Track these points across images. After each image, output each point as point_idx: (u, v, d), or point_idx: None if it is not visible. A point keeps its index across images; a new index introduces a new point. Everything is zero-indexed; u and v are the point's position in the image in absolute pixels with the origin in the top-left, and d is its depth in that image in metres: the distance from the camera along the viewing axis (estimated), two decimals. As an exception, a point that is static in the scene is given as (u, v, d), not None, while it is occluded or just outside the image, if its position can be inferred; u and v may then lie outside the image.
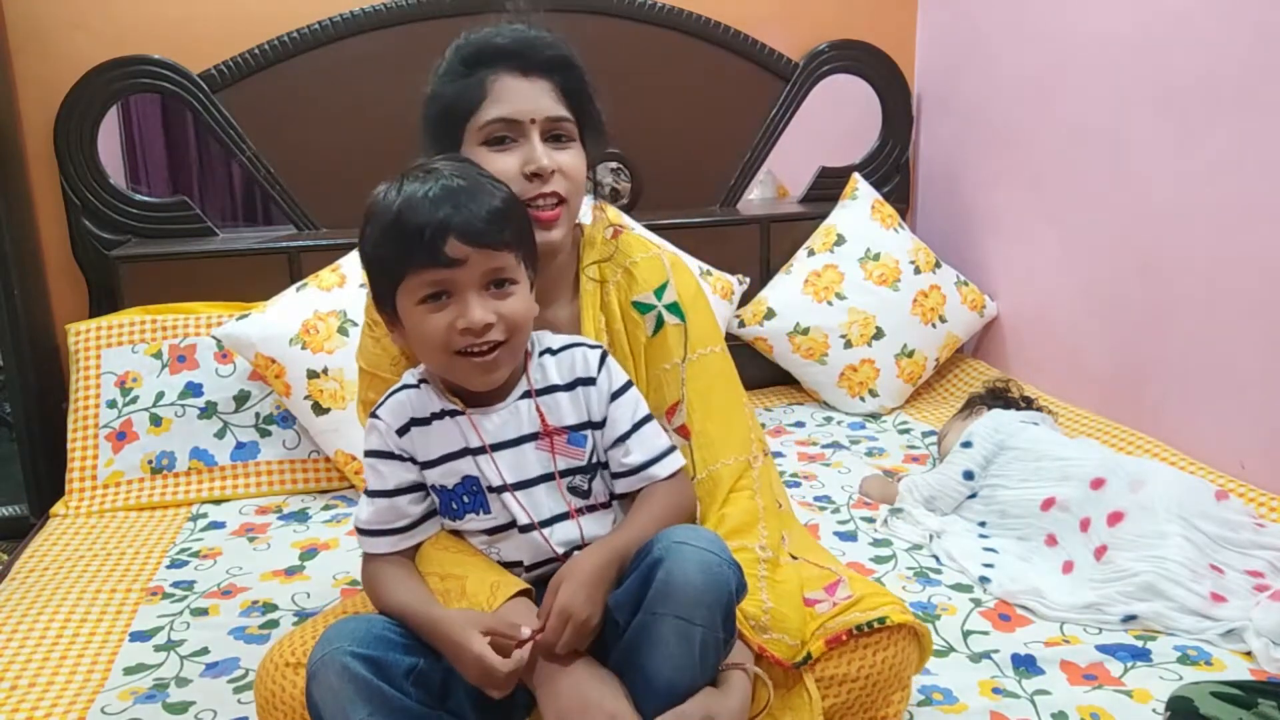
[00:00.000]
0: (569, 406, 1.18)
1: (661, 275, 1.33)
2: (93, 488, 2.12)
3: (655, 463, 1.20)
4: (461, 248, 1.07)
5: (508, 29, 1.25)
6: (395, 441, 1.18)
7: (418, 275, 1.09)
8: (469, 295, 1.09)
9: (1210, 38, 2.02)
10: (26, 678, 1.49)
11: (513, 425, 1.17)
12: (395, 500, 1.19)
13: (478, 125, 1.22)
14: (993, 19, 2.67)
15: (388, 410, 1.19)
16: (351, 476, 2.13)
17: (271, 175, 2.52)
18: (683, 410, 1.29)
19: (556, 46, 1.25)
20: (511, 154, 1.21)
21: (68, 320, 2.33)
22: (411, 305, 1.11)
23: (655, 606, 1.05)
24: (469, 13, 2.55)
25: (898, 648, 1.27)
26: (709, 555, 1.06)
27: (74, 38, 2.38)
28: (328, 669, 1.05)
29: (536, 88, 1.22)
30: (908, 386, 2.67)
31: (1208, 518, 1.69)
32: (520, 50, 1.23)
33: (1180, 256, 2.13)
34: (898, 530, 1.94)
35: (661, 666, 1.06)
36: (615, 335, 1.31)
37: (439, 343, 1.10)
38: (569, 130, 1.24)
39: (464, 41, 1.26)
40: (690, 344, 1.31)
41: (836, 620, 1.26)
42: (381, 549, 1.21)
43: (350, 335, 2.13)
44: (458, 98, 1.23)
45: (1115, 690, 1.42)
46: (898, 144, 2.93)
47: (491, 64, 1.23)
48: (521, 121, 1.21)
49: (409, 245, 1.08)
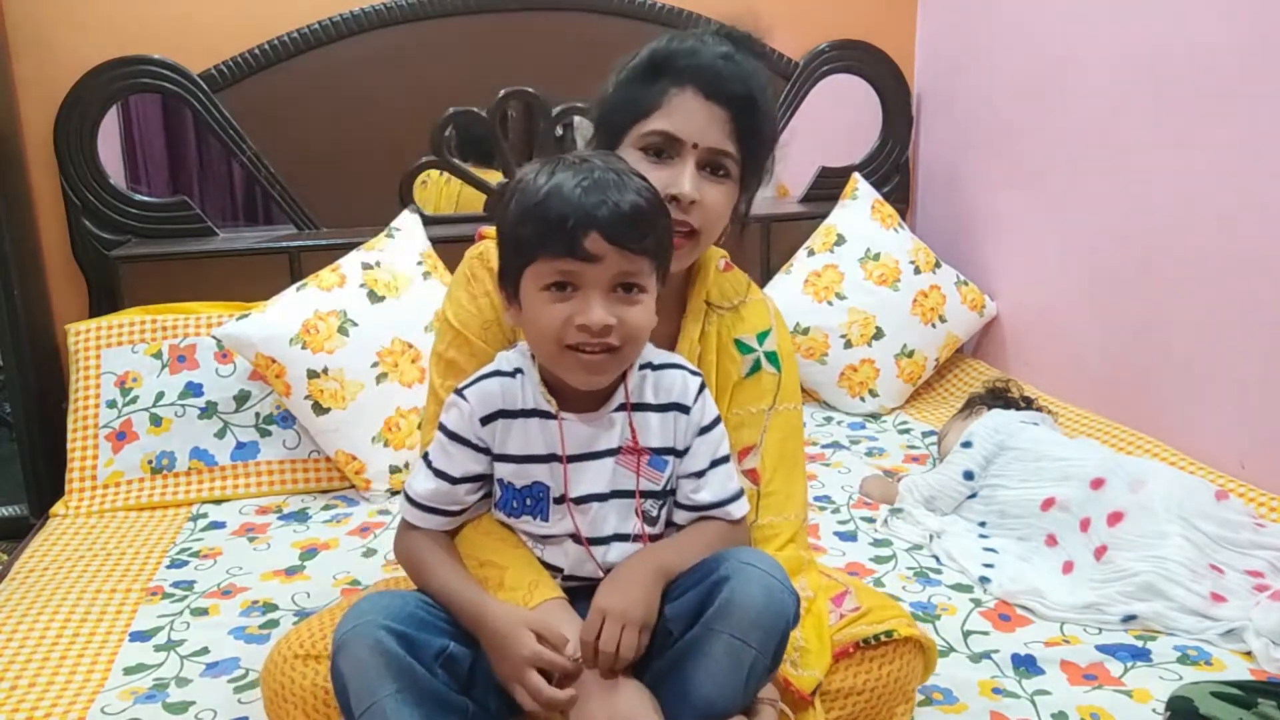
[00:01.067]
0: (658, 428, 1.16)
1: (766, 322, 1.33)
2: (93, 488, 2.12)
3: (721, 505, 1.18)
4: (601, 244, 1.04)
5: (708, 48, 1.22)
6: (476, 429, 1.14)
7: (549, 262, 1.06)
8: (594, 293, 1.06)
9: (1210, 38, 2.02)
10: (26, 678, 1.49)
11: (603, 437, 1.14)
12: (456, 488, 1.16)
13: (641, 131, 1.21)
14: (993, 19, 2.67)
15: (476, 394, 1.15)
16: (352, 476, 2.13)
17: (271, 175, 2.52)
18: (757, 455, 1.29)
19: (747, 81, 1.22)
20: (662, 170, 1.19)
21: (68, 320, 2.33)
22: (535, 289, 1.08)
23: (713, 623, 1.04)
24: (469, 12, 2.56)
25: (903, 661, 1.28)
26: (773, 580, 1.06)
27: (74, 38, 2.38)
28: (358, 642, 1.03)
29: (712, 115, 1.20)
30: (908, 386, 2.67)
31: (1208, 518, 1.69)
32: (709, 74, 1.20)
33: (1180, 256, 2.13)
34: (898, 530, 1.94)
35: (704, 682, 1.04)
36: (707, 365, 1.29)
37: (553, 333, 1.08)
38: (729, 166, 1.22)
39: (661, 45, 1.24)
40: (780, 396, 1.31)
41: (844, 633, 1.26)
42: (427, 525, 1.18)
43: (350, 335, 2.13)
44: (632, 100, 1.22)
45: (1115, 690, 1.42)
46: (898, 144, 2.93)
47: (677, 77, 1.20)
48: (683, 142, 1.19)
49: (549, 230, 1.05)
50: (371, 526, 2.00)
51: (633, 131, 1.22)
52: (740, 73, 1.22)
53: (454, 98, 2.55)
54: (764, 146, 1.26)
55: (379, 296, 2.19)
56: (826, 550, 1.85)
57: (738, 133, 1.21)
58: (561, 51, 2.60)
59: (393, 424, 2.13)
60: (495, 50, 2.58)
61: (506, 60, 2.59)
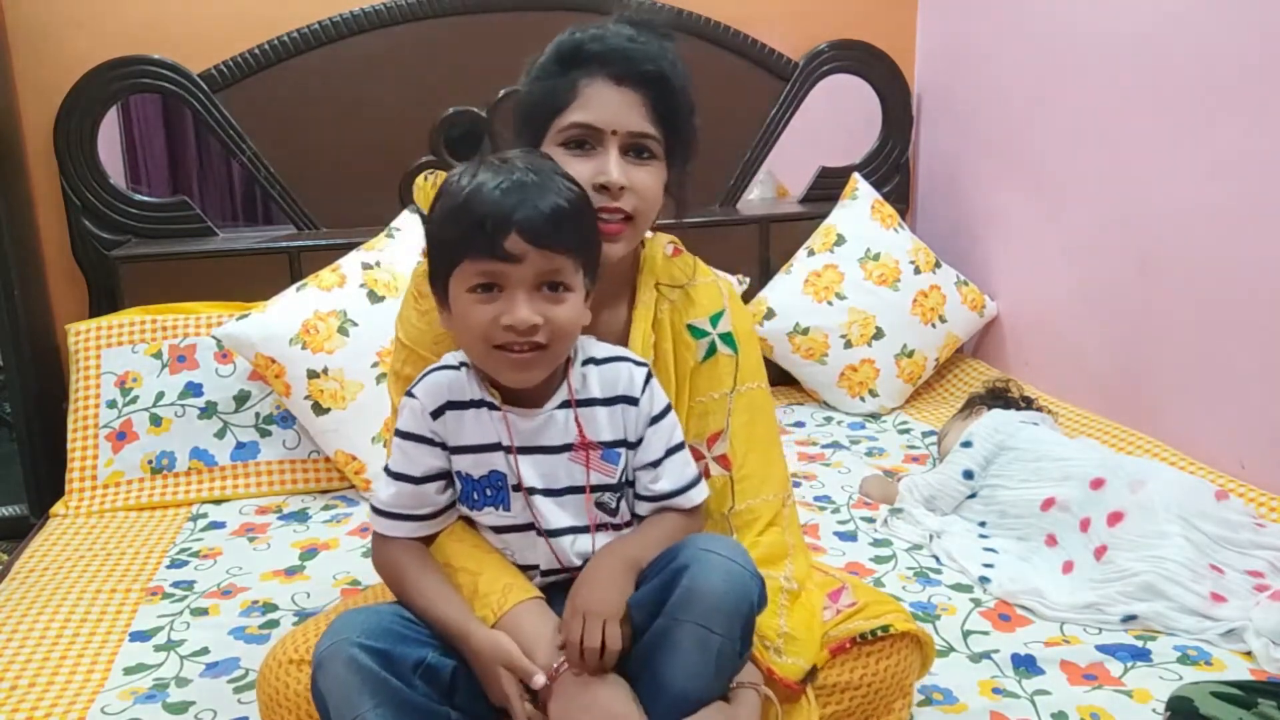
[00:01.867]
0: (606, 422, 1.16)
1: (719, 303, 1.32)
2: (93, 488, 2.12)
3: (681, 493, 1.19)
4: (520, 244, 1.05)
5: (613, 32, 1.21)
6: (428, 424, 1.15)
7: (473, 263, 1.07)
8: (519, 293, 1.07)
9: (1210, 38, 2.02)
10: (26, 678, 1.49)
11: (548, 433, 1.14)
12: (422, 488, 1.17)
13: (560, 126, 1.20)
14: (993, 19, 2.67)
15: (424, 390, 1.16)
16: (352, 477, 2.13)
17: (271, 175, 2.52)
18: (725, 440, 1.28)
19: (657, 60, 1.20)
20: (586, 161, 1.18)
21: (68, 320, 2.33)
22: (462, 291, 1.09)
23: (676, 612, 1.04)
24: (469, 12, 2.56)
25: (900, 656, 1.28)
26: (733, 565, 1.06)
27: (74, 38, 2.38)
28: (335, 660, 1.04)
29: (626, 99, 1.19)
30: (908, 386, 2.67)
31: (1208, 518, 1.69)
32: (617, 58, 1.19)
33: (1180, 256, 2.13)
34: (898, 530, 1.94)
35: (676, 673, 1.05)
36: (662, 354, 1.28)
37: (480, 333, 1.09)
38: (652, 147, 1.21)
39: (566, 38, 1.23)
40: (740, 376, 1.30)
41: (840, 628, 1.26)
42: (399, 534, 1.19)
43: (350, 335, 2.13)
44: (546, 95, 1.21)
45: (1115, 690, 1.42)
46: (898, 144, 2.93)
47: (586, 66, 1.20)
48: (602, 130, 1.18)
49: (470, 232, 1.06)
50: (371, 527, 2.00)
51: (552, 127, 1.21)
52: (648, 52, 1.20)
53: (454, 98, 2.55)
54: (684, 122, 1.24)
55: (379, 296, 2.19)
56: (826, 550, 1.85)
57: (655, 113, 1.20)
58: (561, 51, 2.60)
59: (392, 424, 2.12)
60: (495, 50, 2.58)
61: (506, 60, 2.57)
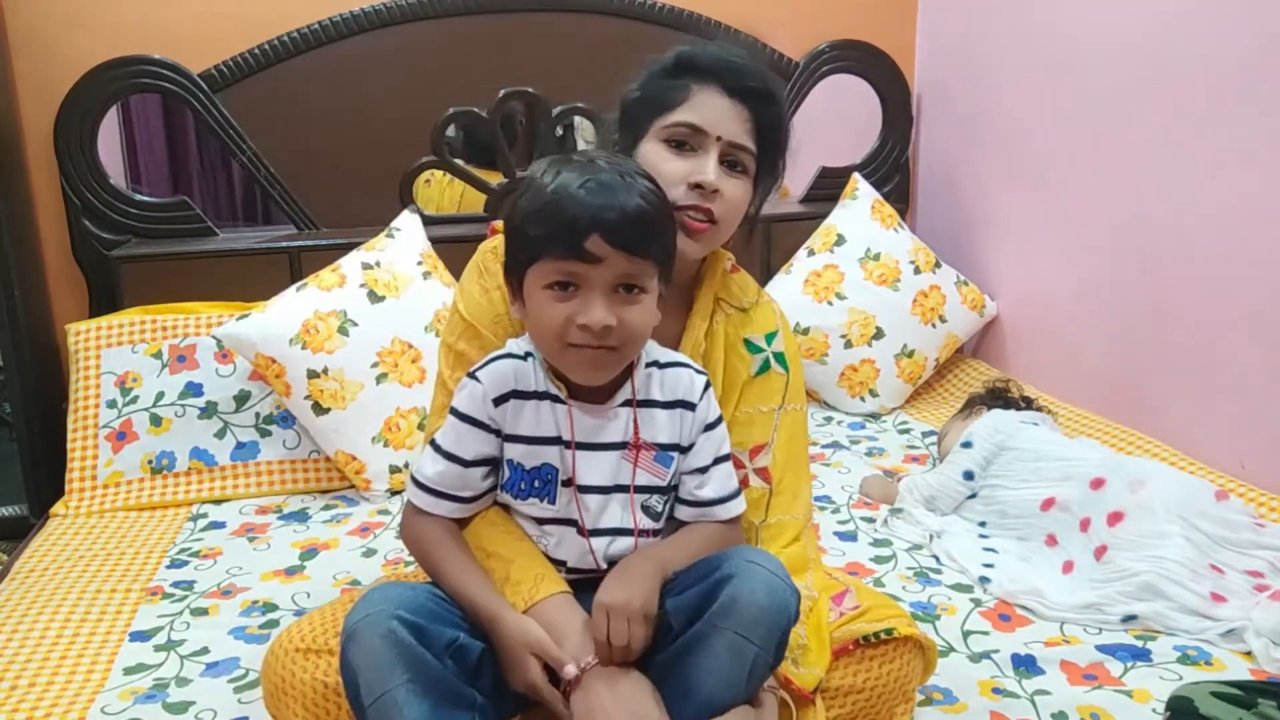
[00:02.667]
0: (664, 424, 1.18)
1: (774, 323, 1.37)
2: (93, 488, 2.12)
3: (722, 503, 1.21)
4: (603, 246, 1.06)
5: (728, 50, 1.28)
6: (488, 409, 1.15)
7: (553, 261, 1.08)
8: (596, 294, 1.08)
9: (1211, 37, 2.02)
10: (26, 678, 1.49)
11: (609, 430, 1.16)
12: (468, 471, 1.17)
13: (666, 123, 1.24)
14: (993, 19, 2.67)
15: (489, 375, 1.16)
16: (352, 477, 2.13)
17: (271, 175, 2.52)
18: (769, 454, 1.31)
19: (765, 80, 1.28)
20: (686, 160, 1.23)
21: (68, 320, 2.33)
22: (539, 287, 1.10)
23: (717, 619, 1.05)
24: (469, 12, 2.56)
25: (903, 660, 1.28)
26: (776, 579, 1.07)
27: (74, 38, 2.38)
28: (371, 631, 1.03)
29: (734, 110, 1.25)
30: (908, 386, 2.67)
31: (1208, 518, 1.69)
32: (731, 71, 1.25)
33: (1180, 256, 2.13)
34: (898, 530, 1.94)
35: (707, 678, 1.06)
36: (713, 362, 1.32)
37: (555, 331, 1.10)
38: (746, 162, 1.26)
39: (685, 49, 1.29)
40: (788, 396, 1.34)
41: (843, 630, 1.26)
42: (438, 511, 1.18)
43: (350, 335, 2.13)
44: (657, 95, 1.26)
45: (1115, 690, 1.42)
46: (898, 144, 2.93)
47: (701, 75, 1.25)
48: (707, 134, 1.23)
49: (553, 230, 1.07)
50: (371, 526, 2.00)
51: (655, 124, 1.25)
52: (760, 72, 1.27)
53: (454, 98, 2.55)
54: (779, 146, 1.30)
55: (379, 296, 2.19)
56: (827, 550, 1.85)
57: (757, 130, 1.26)
58: (561, 51, 2.60)
59: (393, 424, 2.13)
60: (495, 50, 2.58)
61: (506, 60, 2.59)
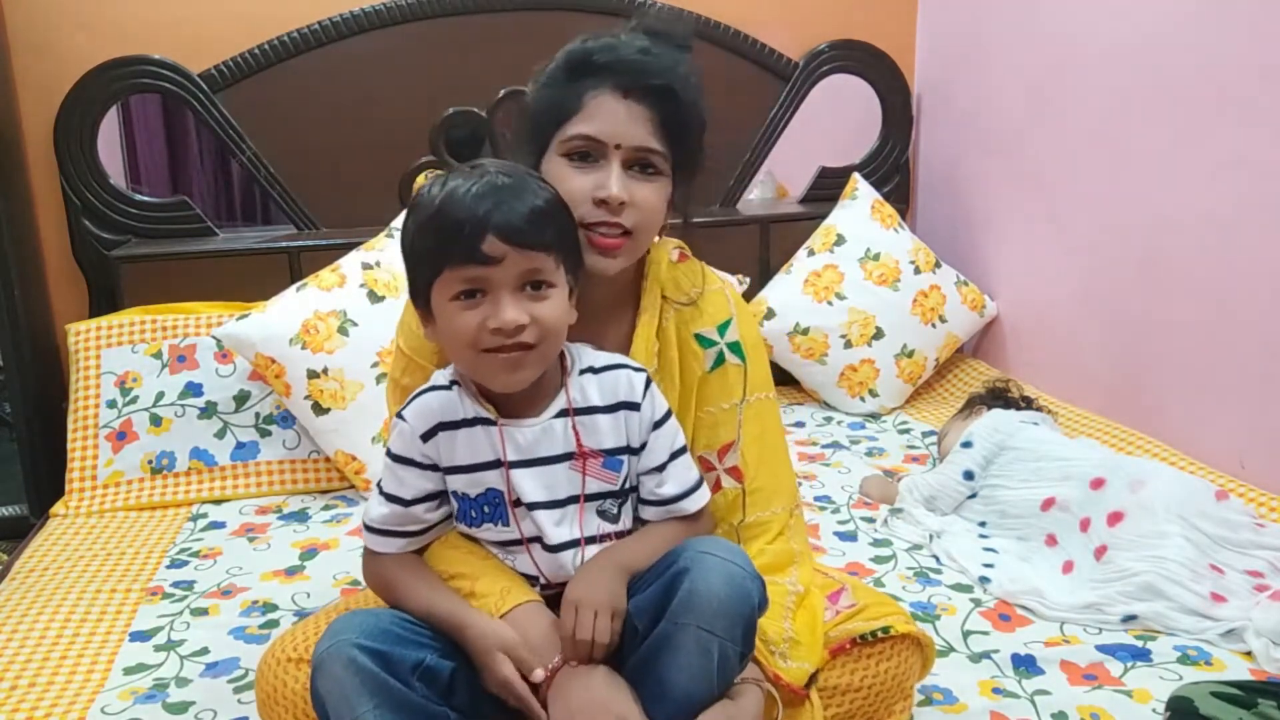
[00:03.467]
0: (609, 429, 1.16)
1: (726, 312, 1.30)
2: (93, 488, 2.12)
3: (685, 497, 1.20)
4: (499, 245, 1.05)
5: (624, 42, 1.19)
6: (419, 447, 1.15)
7: (454, 271, 1.07)
8: (503, 294, 1.07)
9: (1210, 38, 2.01)
10: (26, 678, 1.49)
11: (545, 443, 1.14)
12: (411, 509, 1.18)
13: (563, 136, 1.17)
14: (993, 19, 2.67)
15: (413, 412, 1.16)
16: (352, 476, 2.13)
17: (271, 175, 2.52)
18: (737, 452, 1.28)
19: (665, 74, 1.17)
20: (588, 174, 1.16)
21: (68, 320, 2.33)
22: (445, 301, 1.09)
23: (678, 616, 1.05)
24: (469, 12, 2.56)
25: (901, 658, 1.28)
26: (733, 567, 1.06)
27: (74, 38, 2.38)
28: (334, 661, 1.04)
29: (632, 113, 1.16)
30: (908, 386, 2.67)
31: (1208, 518, 1.68)
32: (625, 69, 1.17)
33: (1180, 257, 2.13)
34: (898, 530, 1.94)
35: (679, 676, 1.05)
36: (667, 363, 1.27)
37: (468, 340, 1.08)
38: (656, 163, 1.18)
39: (576, 46, 1.21)
40: (749, 386, 1.29)
41: (840, 628, 1.26)
42: (390, 549, 1.20)
43: (350, 335, 2.13)
44: (552, 105, 1.19)
45: (1115, 690, 1.42)
46: (898, 144, 2.93)
47: (594, 77, 1.17)
48: (605, 144, 1.16)
49: (447, 240, 1.06)
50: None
51: (556, 138, 1.18)
52: (659, 65, 1.17)
53: (454, 98, 2.55)
54: (692, 138, 1.22)
55: (379, 296, 2.19)
56: (826, 550, 1.85)
57: (662, 127, 1.17)
58: (561, 51, 2.60)
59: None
60: (495, 50, 2.58)
61: (506, 60, 2.59)
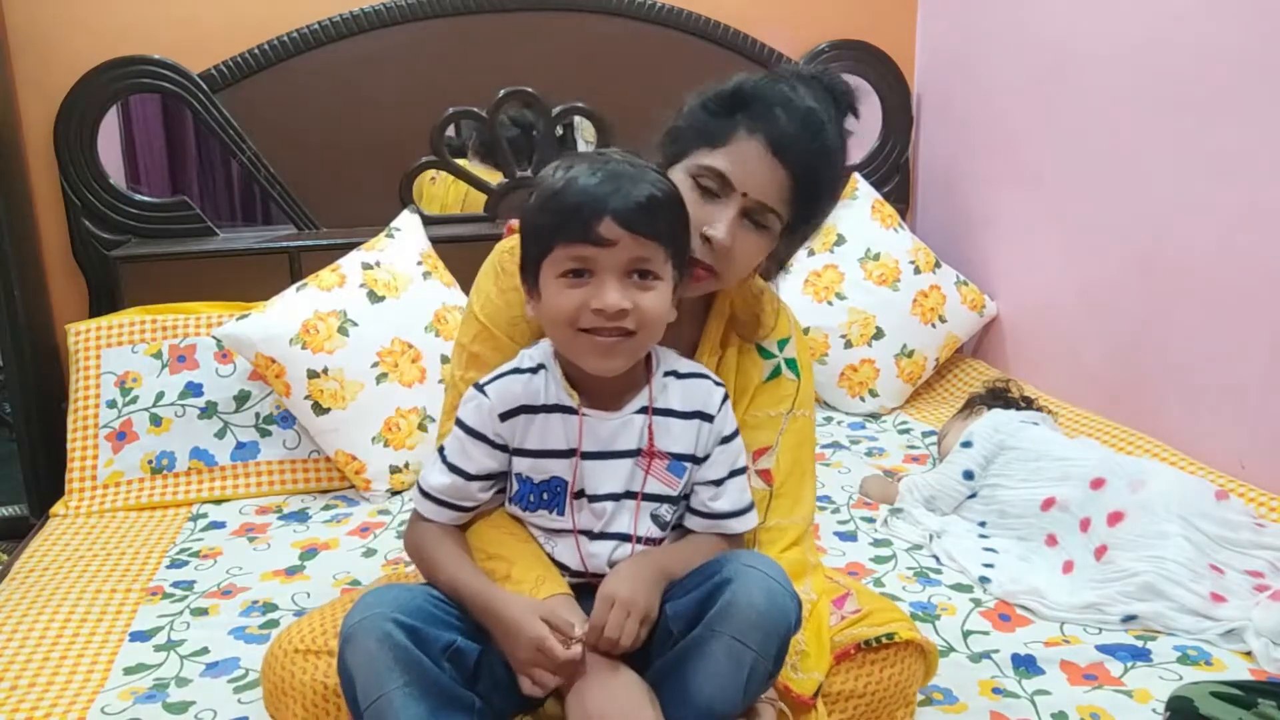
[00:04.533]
0: (681, 434, 1.17)
1: (787, 329, 1.35)
2: (93, 488, 2.12)
3: (734, 517, 1.20)
4: (614, 229, 1.06)
5: (796, 101, 1.17)
6: (495, 425, 1.15)
7: (566, 249, 1.08)
8: (609, 278, 1.08)
9: (1210, 38, 2.01)
10: (26, 678, 1.49)
11: (622, 437, 1.15)
12: (470, 484, 1.18)
13: (699, 161, 1.18)
14: (993, 19, 2.67)
15: (497, 390, 1.16)
16: (352, 477, 2.13)
17: (271, 175, 2.52)
18: (773, 456, 1.30)
19: (816, 150, 1.17)
20: (706, 206, 1.17)
21: (68, 320, 2.33)
22: (553, 277, 1.10)
23: (715, 624, 1.04)
24: (469, 12, 2.56)
25: (904, 664, 1.28)
26: (775, 584, 1.06)
27: (74, 38, 2.38)
28: (367, 634, 1.03)
29: (773, 172, 1.16)
30: (908, 386, 2.67)
31: (1208, 518, 1.69)
32: (784, 132, 1.16)
33: (1180, 257, 2.13)
34: (898, 530, 1.94)
35: (705, 684, 1.05)
36: (728, 367, 1.31)
37: (568, 317, 1.09)
38: (770, 222, 1.19)
39: (749, 82, 1.20)
40: (798, 402, 1.34)
41: (844, 634, 1.26)
42: (440, 519, 1.19)
43: (350, 335, 2.13)
44: (703, 127, 1.20)
45: (1115, 690, 1.42)
46: (898, 144, 2.93)
47: (750, 119, 1.17)
48: (734, 186, 1.17)
49: (564, 218, 1.08)
50: (371, 526, 2.00)
51: (690, 158, 1.20)
52: (815, 137, 1.17)
53: (454, 98, 2.55)
54: (819, 210, 1.23)
55: (379, 296, 2.19)
56: (826, 550, 1.85)
57: (794, 196, 1.18)
58: (561, 51, 2.60)
59: (393, 424, 2.13)
60: (495, 50, 2.58)
61: (506, 60, 2.59)
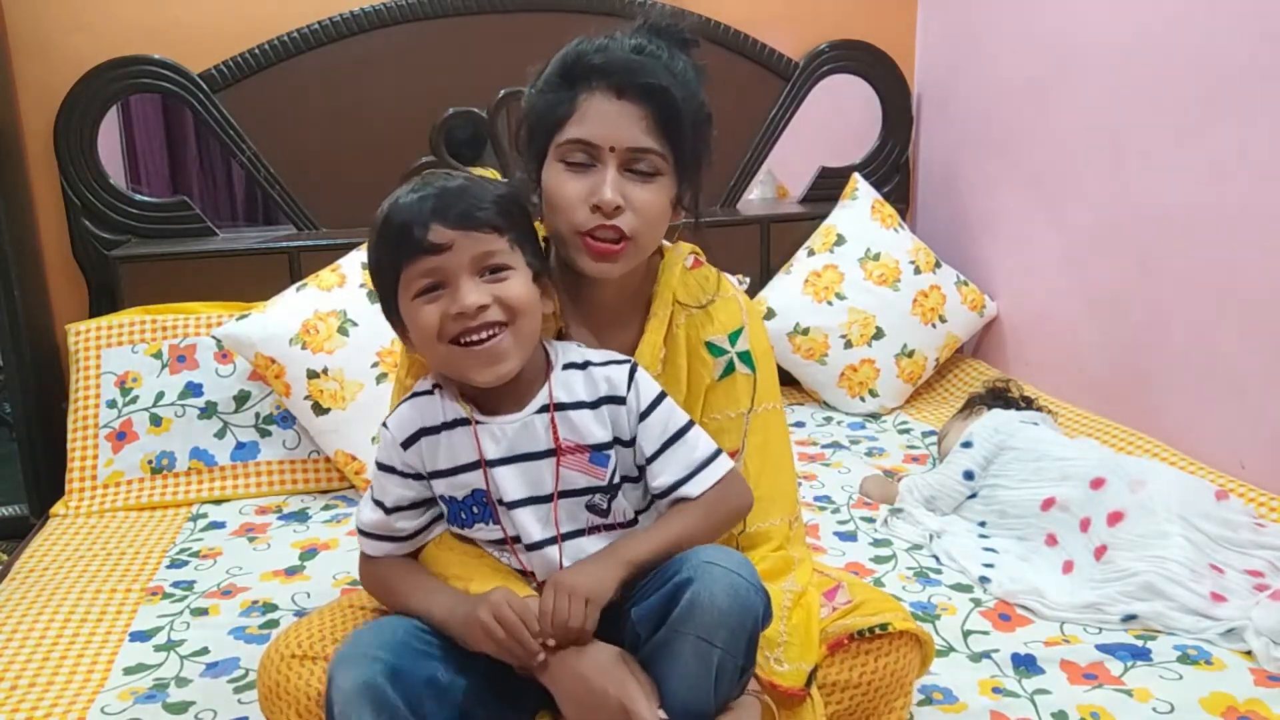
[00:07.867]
0: (595, 424, 1.15)
1: (738, 320, 1.29)
2: (93, 488, 2.12)
3: (685, 482, 1.16)
4: (444, 232, 1.06)
5: (619, 42, 1.17)
6: (400, 455, 1.16)
7: (410, 268, 1.08)
8: (460, 281, 1.07)
9: (1210, 38, 2.02)
10: (26, 678, 1.49)
11: (526, 439, 1.14)
12: (389, 517, 1.19)
13: (559, 141, 1.15)
14: (993, 19, 2.67)
15: (395, 421, 1.17)
16: (351, 476, 2.13)
17: (271, 175, 2.52)
18: (740, 461, 1.27)
19: (658, 73, 1.14)
20: (584, 179, 1.14)
21: (68, 320, 2.33)
22: (409, 301, 1.10)
23: (678, 624, 1.03)
24: (469, 12, 2.56)
25: (900, 654, 1.27)
26: (738, 579, 1.05)
27: (74, 38, 2.38)
28: (348, 677, 1.03)
29: (625, 113, 1.14)
30: (908, 386, 2.67)
31: (1208, 518, 1.69)
32: (618, 70, 1.14)
33: (1180, 256, 2.13)
34: (898, 530, 1.93)
35: (677, 685, 1.05)
36: (675, 368, 1.26)
37: (434, 332, 1.08)
38: (655, 163, 1.15)
39: (571, 48, 1.18)
40: (757, 397, 1.28)
41: (838, 624, 1.26)
42: (380, 553, 1.21)
43: (350, 335, 2.13)
44: (547, 110, 1.17)
45: (1115, 690, 1.42)
46: (898, 144, 2.93)
47: (587, 79, 1.15)
48: (600, 147, 1.14)
49: (397, 239, 1.08)
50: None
51: (553, 143, 1.16)
52: (653, 64, 1.15)
53: (454, 98, 2.55)
54: (692, 135, 1.18)
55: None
56: (826, 550, 1.85)
57: (659, 126, 1.15)
58: (561, 51, 2.60)
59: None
60: (495, 50, 2.58)
61: (506, 60, 2.59)
